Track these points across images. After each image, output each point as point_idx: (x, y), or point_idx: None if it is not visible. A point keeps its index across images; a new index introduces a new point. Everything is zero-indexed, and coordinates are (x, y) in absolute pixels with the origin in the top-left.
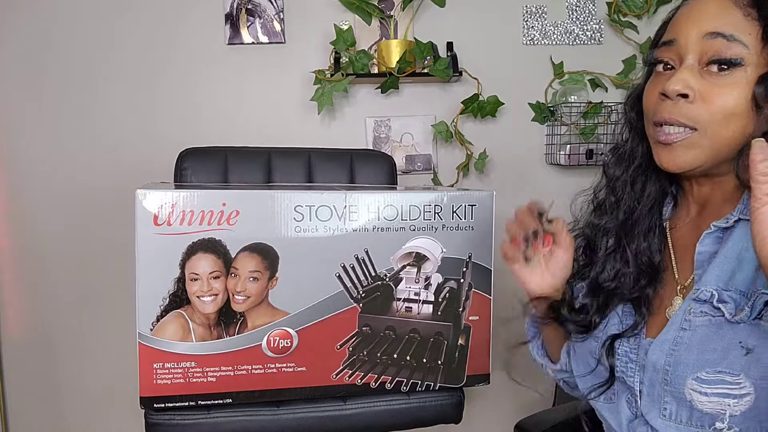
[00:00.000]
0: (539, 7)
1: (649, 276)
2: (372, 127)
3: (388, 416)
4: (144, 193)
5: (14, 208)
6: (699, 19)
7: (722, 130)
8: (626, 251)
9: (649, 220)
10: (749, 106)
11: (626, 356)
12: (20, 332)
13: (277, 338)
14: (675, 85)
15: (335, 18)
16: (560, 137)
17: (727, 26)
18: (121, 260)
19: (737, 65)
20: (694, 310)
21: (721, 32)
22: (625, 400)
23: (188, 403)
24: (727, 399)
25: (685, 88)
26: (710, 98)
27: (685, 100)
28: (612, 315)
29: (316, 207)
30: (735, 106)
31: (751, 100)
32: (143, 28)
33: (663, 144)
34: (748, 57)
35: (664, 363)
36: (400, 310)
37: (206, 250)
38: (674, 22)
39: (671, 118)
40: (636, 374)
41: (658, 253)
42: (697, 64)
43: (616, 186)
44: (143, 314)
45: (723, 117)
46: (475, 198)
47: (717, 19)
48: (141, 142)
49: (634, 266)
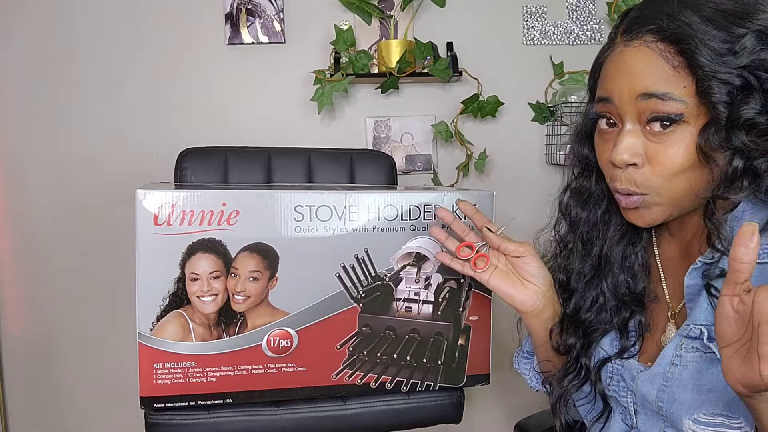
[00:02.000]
0: (539, 7)
1: (631, 307)
2: (372, 127)
3: (388, 416)
4: (144, 193)
5: (14, 208)
6: (628, 79)
7: (675, 187)
8: (604, 283)
9: (622, 251)
10: (697, 159)
11: (618, 375)
12: (20, 332)
13: (277, 338)
14: (622, 155)
15: (335, 18)
16: (560, 137)
17: (658, 84)
18: (121, 260)
19: (678, 121)
20: (685, 346)
21: (653, 93)
22: (620, 414)
23: (188, 403)
24: None
25: (633, 157)
26: (658, 160)
27: (634, 168)
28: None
29: (316, 207)
30: (683, 163)
31: (698, 152)
32: (143, 29)
33: (624, 208)
34: (686, 110)
35: (656, 398)
36: (400, 310)
37: (206, 250)
38: (605, 76)
39: (624, 188)
40: (628, 395)
41: (641, 280)
42: (638, 123)
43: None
44: (143, 314)
45: (673, 176)
46: (475, 198)
47: (646, 77)
48: (141, 142)
49: (612, 299)
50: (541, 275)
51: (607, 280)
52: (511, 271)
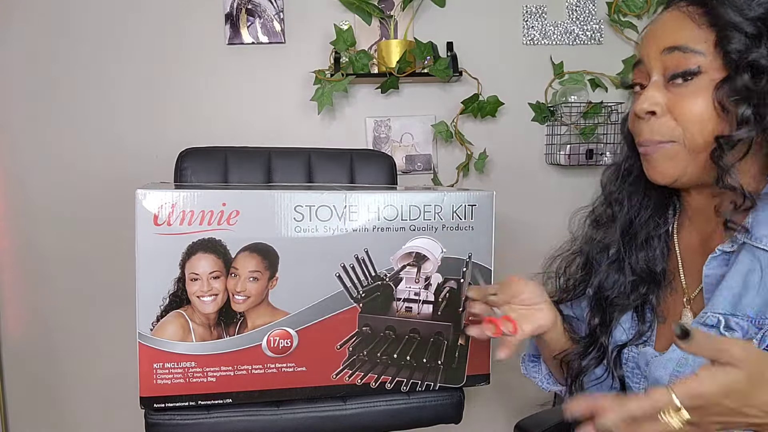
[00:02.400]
0: (539, 7)
1: (648, 283)
2: (372, 127)
3: (388, 416)
4: (144, 193)
5: (14, 209)
6: (658, 37)
7: (696, 137)
8: (625, 261)
9: (647, 230)
10: (715, 112)
11: (633, 362)
12: (20, 332)
13: (277, 338)
14: (642, 104)
15: (335, 18)
16: (560, 137)
17: (682, 39)
18: (121, 260)
19: (696, 74)
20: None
21: (677, 45)
22: None
23: (188, 403)
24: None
25: (652, 105)
26: (677, 109)
27: (655, 117)
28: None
29: (316, 207)
30: (701, 112)
31: (715, 105)
32: (143, 28)
33: (645, 155)
34: (705, 64)
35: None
36: (400, 310)
37: (206, 250)
38: (641, 42)
39: (646, 139)
40: (641, 381)
41: (660, 262)
42: (662, 79)
43: (613, 200)
44: (143, 314)
45: (692, 125)
46: (475, 198)
47: (673, 33)
48: (141, 142)
49: (631, 275)
50: (539, 292)
51: (630, 256)
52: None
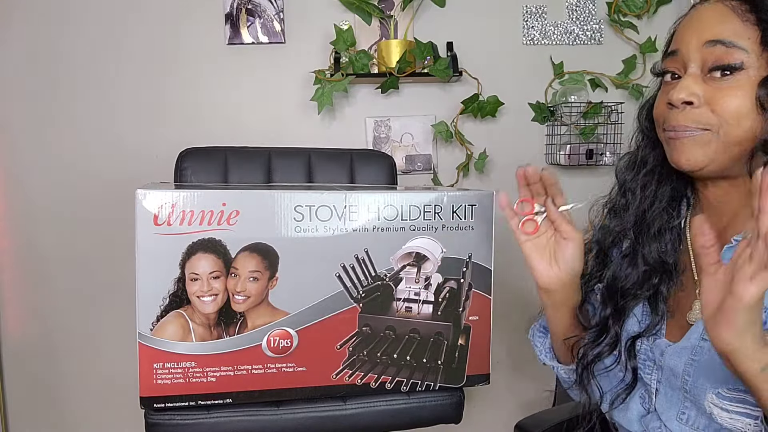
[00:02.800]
0: (539, 7)
1: (659, 274)
2: (372, 127)
3: (388, 416)
4: (144, 193)
5: (14, 208)
6: (699, 29)
7: (733, 130)
8: (637, 252)
9: (661, 221)
10: (754, 108)
11: (645, 354)
12: (20, 332)
13: (277, 338)
14: (679, 93)
15: (335, 18)
16: (560, 137)
17: (725, 33)
18: (121, 260)
19: (738, 69)
20: None
21: (720, 39)
22: (639, 396)
23: (188, 403)
24: (748, 419)
25: (690, 96)
26: (715, 102)
27: (691, 107)
28: (631, 317)
29: (316, 207)
30: (739, 107)
31: (756, 102)
32: (143, 29)
33: (674, 140)
34: (748, 60)
35: (682, 371)
36: (400, 310)
37: (206, 250)
38: (677, 33)
39: (679, 125)
40: (653, 372)
41: (672, 254)
42: (700, 71)
43: (628, 189)
44: (143, 314)
45: (730, 118)
46: (475, 198)
47: (716, 26)
48: (141, 142)
49: (643, 265)
50: (570, 264)
51: (642, 246)
52: (547, 246)
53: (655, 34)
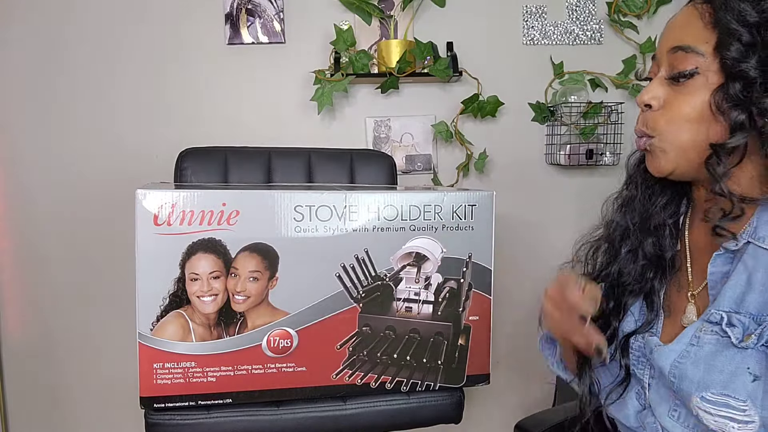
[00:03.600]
0: (539, 7)
1: (655, 268)
2: (372, 127)
3: (388, 416)
4: (144, 193)
5: (14, 208)
6: (668, 35)
7: (679, 135)
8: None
9: (661, 216)
10: (709, 113)
11: (639, 350)
12: (20, 332)
13: (277, 338)
14: (642, 96)
15: (335, 18)
16: (560, 137)
17: (687, 38)
18: (121, 260)
19: (692, 75)
20: (705, 329)
21: (680, 45)
22: (635, 392)
23: (188, 403)
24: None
25: (650, 99)
26: (670, 106)
27: (651, 110)
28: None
29: (316, 207)
30: (691, 112)
31: (711, 106)
32: (143, 28)
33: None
34: (703, 64)
35: (668, 373)
36: (400, 310)
37: (206, 250)
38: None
39: (638, 129)
40: (646, 368)
41: (669, 250)
42: (667, 75)
43: (633, 184)
44: (143, 314)
45: (679, 122)
46: (475, 198)
47: (680, 31)
48: (141, 141)
49: (642, 259)
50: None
51: (642, 241)
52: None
53: (655, 34)
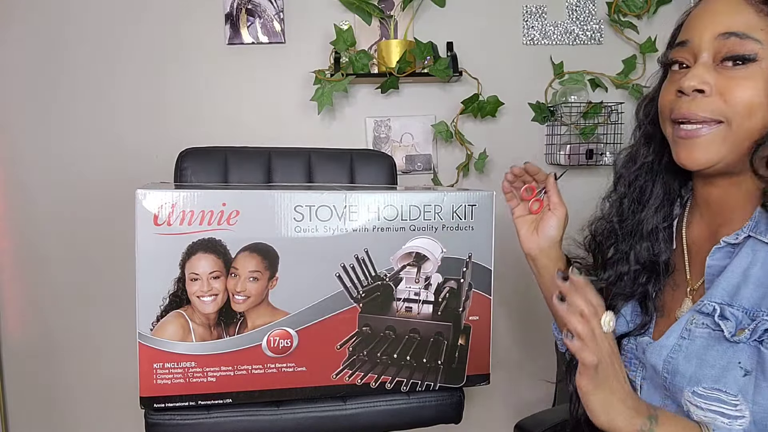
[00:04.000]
0: (539, 7)
1: (649, 273)
2: (372, 127)
3: (388, 416)
4: (144, 193)
5: (14, 208)
6: (712, 20)
7: (746, 122)
8: (629, 250)
9: (654, 221)
10: (766, 99)
11: (630, 352)
12: (20, 332)
13: (277, 338)
14: (691, 80)
15: (335, 18)
16: (560, 137)
17: (739, 25)
18: (121, 260)
19: (752, 60)
20: (696, 321)
21: (735, 32)
22: None
23: (188, 403)
24: (723, 417)
25: (701, 84)
26: (727, 92)
27: (702, 95)
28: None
29: (316, 207)
30: (752, 98)
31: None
32: (143, 28)
33: (684, 139)
34: (762, 52)
35: (662, 369)
36: (400, 310)
37: (206, 250)
38: (687, 23)
39: (690, 113)
40: (638, 369)
41: (664, 253)
42: (712, 61)
43: (622, 184)
44: (143, 314)
45: (743, 108)
46: (475, 198)
47: (729, 18)
48: (141, 141)
49: (634, 264)
50: (548, 232)
51: (633, 245)
52: (533, 220)
53: (655, 34)
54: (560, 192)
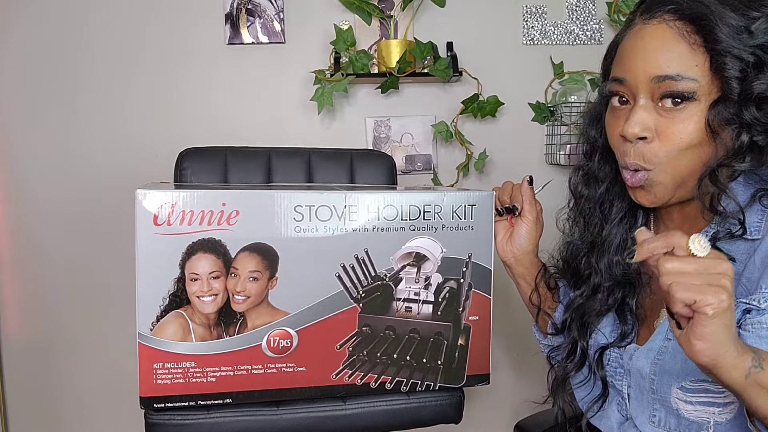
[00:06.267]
0: (539, 7)
1: (624, 287)
2: (372, 127)
3: (387, 416)
4: (144, 193)
5: (14, 208)
6: (644, 59)
7: (680, 163)
8: (599, 266)
9: (621, 233)
10: (705, 135)
11: (615, 362)
12: (20, 332)
13: (276, 338)
14: (633, 128)
15: (335, 18)
16: (560, 137)
17: (673, 65)
18: (121, 260)
19: (690, 99)
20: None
21: (669, 74)
22: (616, 404)
23: (188, 403)
24: (712, 408)
25: (643, 131)
26: (668, 135)
27: (644, 142)
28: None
29: (316, 207)
30: (691, 139)
31: (706, 128)
32: (143, 29)
33: (632, 186)
34: (699, 89)
35: (649, 372)
36: (400, 310)
37: (206, 250)
38: (622, 56)
39: (632, 162)
40: (624, 378)
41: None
42: (651, 101)
43: (584, 205)
44: (143, 314)
45: (679, 151)
46: (475, 198)
47: (662, 57)
48: (141, 141)
49: (608, 280)
50: (519, 240)
51: (603, 259)
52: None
53: None
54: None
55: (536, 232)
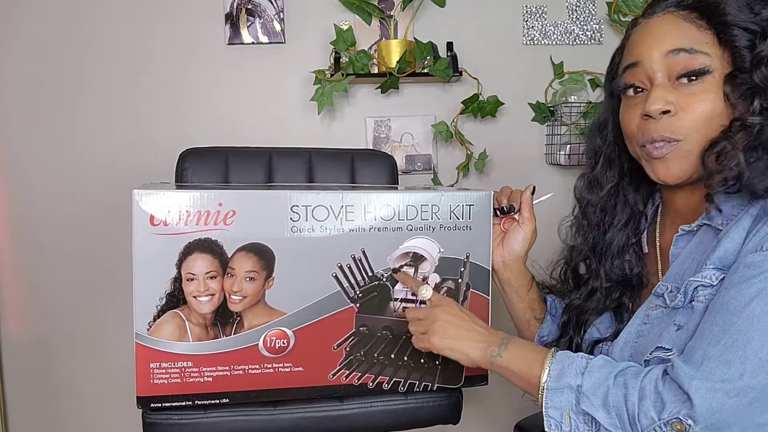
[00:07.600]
0: (539, 7)
1: (622, 287)
2: (372, 127)
3: (385, 417)
4: (141, 193)
5: (14, 208)
6: (658, 39)
7: (706, 133)
8: (600, 270)
9: (623, 238)
10: (724, 106)
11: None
12: (20, 332)
13: (273, 338)
14: (656, 104)
15: (335, 18)
16: (560, 137)
17: (685, 41)
18: (120, 260)
19: (705, 73)
20: (651, 305)
21: (683, 47)
22: None
23: (185, 402)
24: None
25: (666, 105)
26: (691, 108)
27: (668, 115)
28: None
29: (313, 207)
30: (713, 109)
31: (724, 100)
32: (143, 29)
33: (656, 159)
34: (712, 63)
35: (628, 356)
36: (397, 310)
37: (203, 250)
38: (631, 46)
39: (659, 135)
40: None
41: (636, 267)
42: (668, 80)
43: (588, 211)
44: (140, 314)
45: (704, 120)
46: (473, 198)
47: (674, 36)
48: (141, 142)
49: (606, 282)
50: (513, 248)
51: (604, 262)
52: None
53: None
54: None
55: (531, 239)
